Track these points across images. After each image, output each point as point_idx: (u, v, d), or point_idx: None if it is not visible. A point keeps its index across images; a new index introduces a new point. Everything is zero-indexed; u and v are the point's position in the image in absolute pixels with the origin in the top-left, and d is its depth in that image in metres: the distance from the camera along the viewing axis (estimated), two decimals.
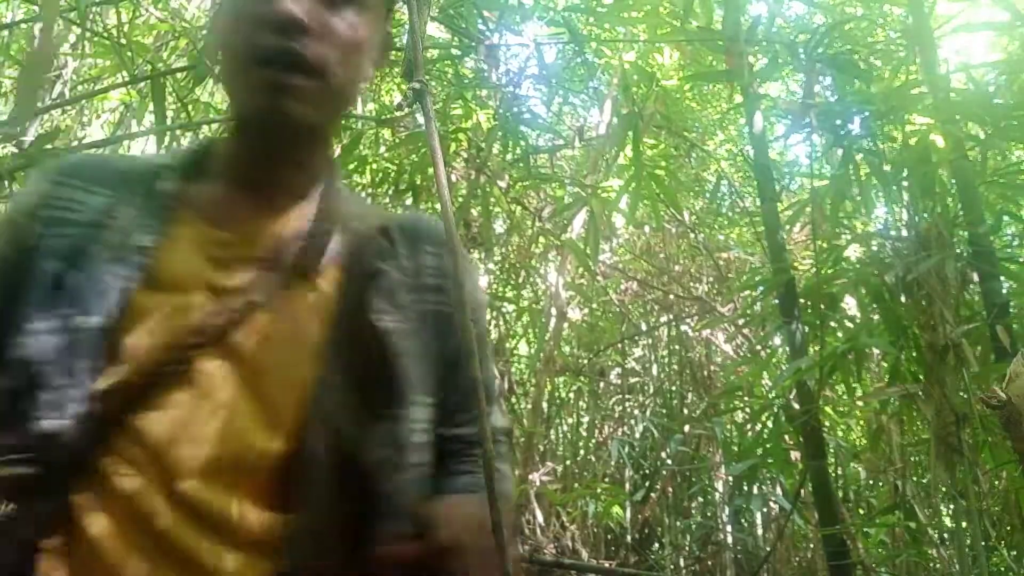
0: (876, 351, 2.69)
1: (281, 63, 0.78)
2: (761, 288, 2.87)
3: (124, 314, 0.76)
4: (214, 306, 0.79)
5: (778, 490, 4.05)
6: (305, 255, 0.83)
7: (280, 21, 0.77)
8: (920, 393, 2.04)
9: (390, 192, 3.86)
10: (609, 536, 4.55)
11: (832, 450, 3.02)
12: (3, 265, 0.81)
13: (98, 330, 0.75)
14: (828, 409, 3.53)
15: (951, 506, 2.82)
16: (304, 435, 0.77)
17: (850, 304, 2.62)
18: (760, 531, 4.53)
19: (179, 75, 2.87)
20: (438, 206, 0.81)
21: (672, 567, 4.45)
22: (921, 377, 2.08)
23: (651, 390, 5.04)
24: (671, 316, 4.85)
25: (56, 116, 4.40)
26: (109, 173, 0.86)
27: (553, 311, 4.31)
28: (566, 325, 4.59)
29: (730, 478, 4.34)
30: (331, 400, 0.78)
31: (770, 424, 2.68)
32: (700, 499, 4.73)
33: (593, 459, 4.78)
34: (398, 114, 3.82)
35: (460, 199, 3.38)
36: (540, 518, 4.09)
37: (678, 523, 4.59)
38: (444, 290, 0.89)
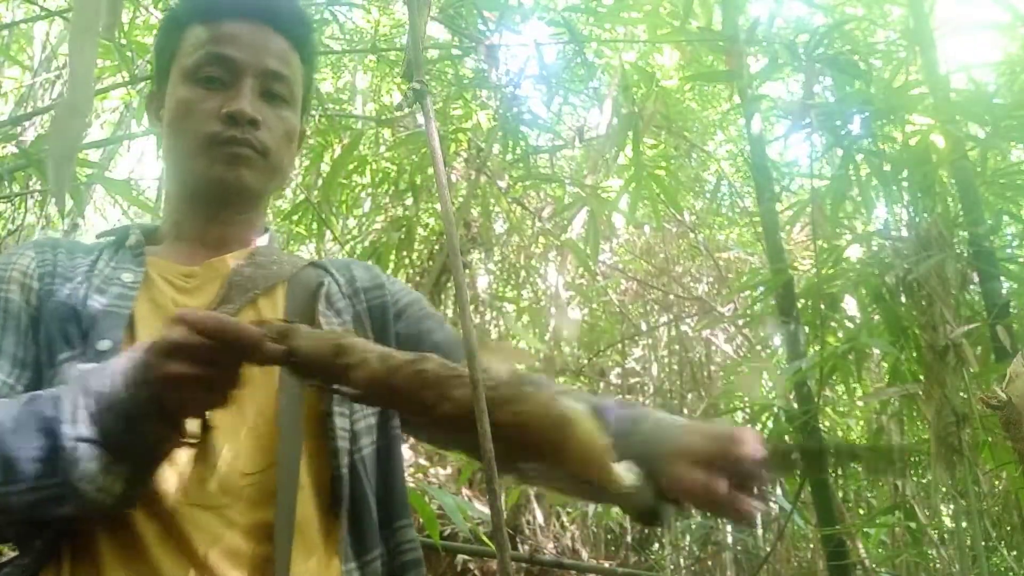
0: (876, 351, 2.68)
1: (239, 144, 1.00)
2: (761, 288, 2.87)
3: (129, 337, 0.91)
4: None
5: (778, 490, 4.05)
6: (253, 278, 1.00)
7: (238, 117, 0.99)
8: (920, 393, 2.04)
9: (390, 192, 3.86)
10: (609, 536, 4.55)
11: None
12: (22, 312, 0.94)
13: (110, 352, 0.88)
14: (828, 409, 3.53)
15: (951, 506, 2.82)
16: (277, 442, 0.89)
17: (850, 304, 2.62)
18: (760, 531, 4.53)
19: None
20: (438, 206, 0.82)
21: (672, 567, 4.45)
22: (921, 377, 2.08)
23: (651, 390, 5.03)
24: (671, 316, 4.85)
25: None
26: (79, 246, 1.04)
27: (553, 311, 4.31)
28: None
29: None
30: (293, 404, 0.91)
31: (770, 424, 2.68)
32: None
33: None
34: (398, 114, 3.82)
35: (460, 199, 3.38)
36: (540, 518, 4.09)
37: (678, 523, 4.59)
38: (380, 286, 1.09)
